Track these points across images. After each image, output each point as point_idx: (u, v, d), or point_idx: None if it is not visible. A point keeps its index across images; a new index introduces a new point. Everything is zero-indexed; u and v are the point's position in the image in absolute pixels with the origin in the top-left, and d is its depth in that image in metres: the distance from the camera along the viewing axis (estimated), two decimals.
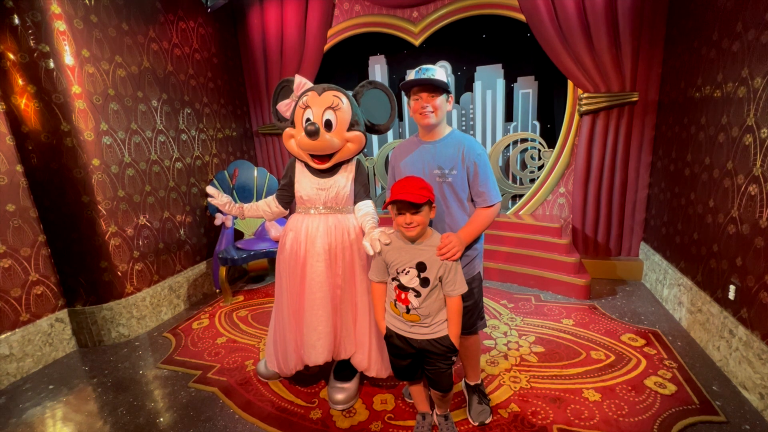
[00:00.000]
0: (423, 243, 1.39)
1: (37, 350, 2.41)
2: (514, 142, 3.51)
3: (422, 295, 1.38)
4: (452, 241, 1.37)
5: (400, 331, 1.46)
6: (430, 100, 1.45)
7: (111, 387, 2.18)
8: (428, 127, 1.52)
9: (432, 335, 1.42)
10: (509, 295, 2.99)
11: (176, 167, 3.14)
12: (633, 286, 3.05)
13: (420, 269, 1.37)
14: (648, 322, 2.49)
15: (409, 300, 1.40)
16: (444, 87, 1.45)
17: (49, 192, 2.41)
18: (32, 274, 2.41)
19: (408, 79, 1.47)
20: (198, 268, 3.34)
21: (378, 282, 1.52)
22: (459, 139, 1.53)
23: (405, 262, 1.39)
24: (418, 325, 1.42)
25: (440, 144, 1.53)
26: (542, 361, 2.13)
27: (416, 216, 1.32)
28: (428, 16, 3.34)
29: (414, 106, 1.49)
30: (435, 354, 1.43)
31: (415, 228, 1.33)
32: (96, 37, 2.49)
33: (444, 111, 1.50)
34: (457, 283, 1.38)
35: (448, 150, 1.51)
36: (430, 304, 1.39)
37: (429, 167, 1.53)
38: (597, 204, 3.17)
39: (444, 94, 1.48)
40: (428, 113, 1.46)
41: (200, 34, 3.38)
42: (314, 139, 1.57)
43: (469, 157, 1.48)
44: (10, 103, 2.27)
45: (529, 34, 3.09)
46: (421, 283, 1.38)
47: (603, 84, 2.91)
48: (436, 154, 1.52)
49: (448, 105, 1.53)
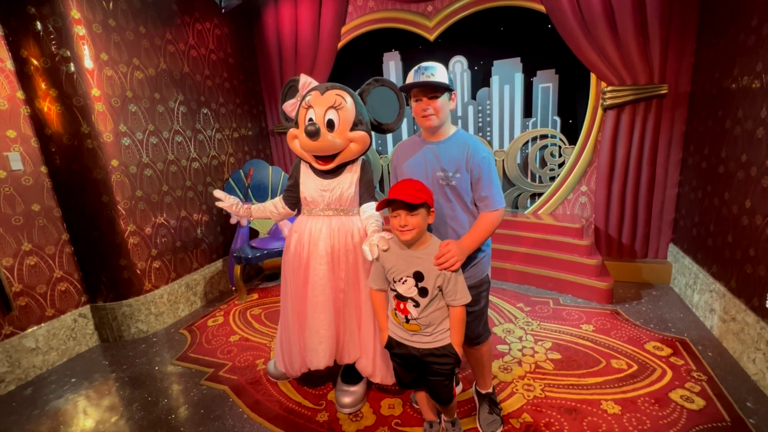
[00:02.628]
0: (420, 251, 1.33)
1: (61, 344, 2.51)
2: (533, 139, 3.38)
3: (421, 305, 1.32)
4: (451, 249, 1.30)
5: (402, 340, 1.41)
6: (430, 102, 1.40)
7: (128, 382, 2.25)
8: (431, 129, 1.47)
9: (434, 344, 1.36)
10: (526, 297, 2.89)
11: (193, 167, 3.20)
12: (660, 290, 2.88)
13: (417, 279, 1.31)
14: (676, 329, 2.34)
15: (408, 310, 1.34)
16: (444, 87, 1.39)
17: (71, 192, 2.50)
18: (56, 271, 2.51)
19: (407, 82, 1.42)
20: (214, 266, 3.40)
21: (377, 290, 1.46)
22: (464, 141, 1.46)
23: (402, 271, 1.34)
24: (420, 334, 1.37)
25: (444, 145, 1.48)
26: (558, 369, 2.03)
27: (411, 218, 1.25)
28: (443, 10, 3.25)
29: (415, 108, 1.44)
30: (437, 364, 1.37)
31: (409, 231, 1.26)
32: (114, 40, 2.55)
33: (446, 111, 1.45)
34: (458, 293, 1.31)
35: (452, 151, 1.45)
36: (431, 313, 1.33)
37: (432, 169, 1.47)
38: (621, 203, 3.01)
39: (445, 94, 1.42)
40: (430, 115, 1.41)
41: (216, 35, 3.42)
42: (315, 139, 1.54)
43: (474, 160, 1.42)
44: (34, 107, 2.36)
45: (550, 25, 2.95)
46: (419, 293, 1.31)
47: (629, 76, 2.74)
48: (440, 156, 1.46)
49: (451, 104, 1.46)
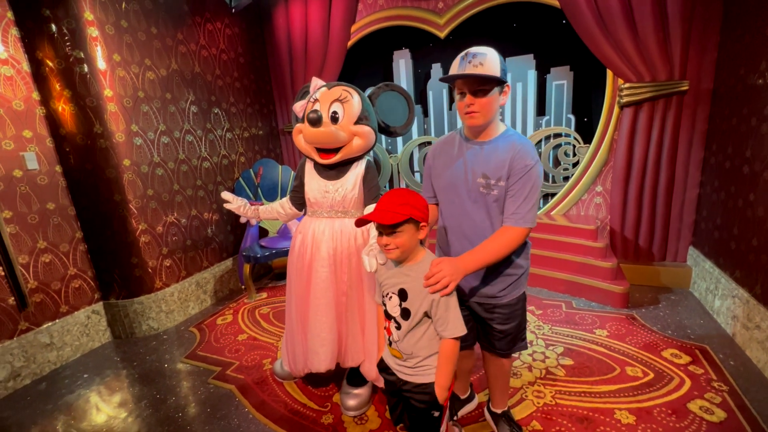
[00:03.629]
0: (408, 267, 1.17)
1: (75, 340, 2.56)
2: (547, 138, 3.30)
3: (402, 328, 1.16)
4: (442, 269, 1.09)
5: (389, 363, 1.27)
6: (474, 99, 1.18)
7: (138, 379, 2.27)
8: (475, 129, 1.27)
9: (414, 377, 1.19)
10: (538, 300, 2.82)
11: (204, 166, 3.23)
12: (679, 294, 2.78)
13: (402, 297, 1.16)
14: (695, 336, 2.25)
15: (391, 330, 1.21)
16: (495, 80, 1.16)
17: (85, 191, 2.54)
18: (71, 268, 2.56)
19: (450, 73, 1.20)
20: (224, 264, 3.43)
21: (380, 305, 1.31)
22: (511, 143, 1.23)
23: (390, 285, 1.20)
24: (403, 364, 1.21)
25: (489, 147, 1.26)
26: (570, 376, 1.97)
27: (393, 238, 1.09)
28: (454, 7, 3.20)
29: (458, 104, 1.24)
30: (412, 398, 1.20)
31: (393, 251, 1.11)
32: (126, 41, 2.58)
33: (495, 108, 1.22)
34: (449, 322, 1.11)
35: (497, 155, 1.24)
36: (415, 342, 1.16)
37: (473, 174, 1.27)
38: (638, 204, 2.90)
39: (496, 88, 1.18)
40: (474, 113, 1.20)
41: (227, 35, 3.44)
42: (317, 127, 1.51)
43: (516, 165, 1.20)
44: (49, 108, 2.40)
45: (564, 20, 2.87)
46: (401, 313, 1.16)
47: (647, 72, 2.64)
48: (483, 159, 1.25)
49: (502, 98, 1.23)
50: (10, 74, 2.25)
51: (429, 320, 1.15)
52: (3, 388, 2.20)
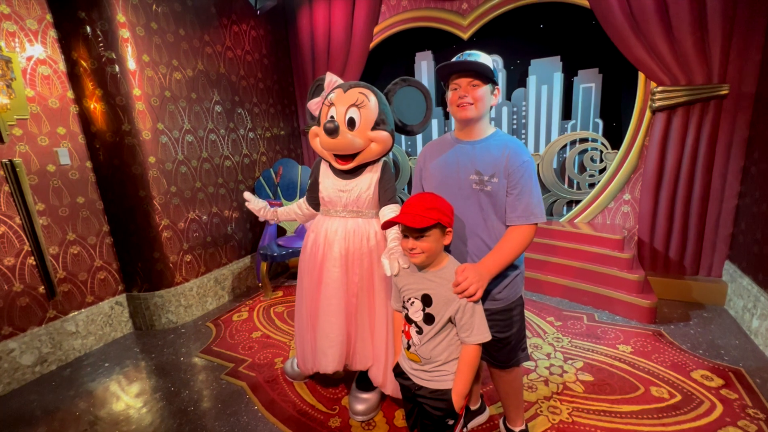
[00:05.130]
0: (432, 273, 1.16)
1: (98, 329, 2.66)
2: (572, 142, 3.18)
3: (424, 332, 1.16)
4: (468, 277, 1.11)
5: (404, 368, 1.27)
6: (470, 89, 1.23)
7: (154, 371, 2.34)
8: (466, 122, 1.29)
9: (430, 382, 1.18)
10: (558, 311, 2.71)
11: (225, 165, 3.29)
12: (712, 312, 2.60)
13: (425, 303, 1.16)
14: (729, 358, 2.10)
15: (410, 334, 1.20)
16: (488, 75, 1.22)
17: (112, 186, 2.64)
18: (97, 260, 2.66)
19: (444, 63, 1.25)
20: (243, 261, 3.49)
21: (396, 310, 1.32)
22: (504, 142, 1.29)
23: (413, 291, 1.19)
24: (420, 368, 1.20)
25: (481, 145, 1.30)
26: (589, 392, 1.87)
27: (420, 242, 1.10)
28: (479, 8, 3.13)
29: (451, 97, 1.28)
30: (427, 405, 1.19)
31: (419, 255, 1.12)
32: (155, 42, 2.67)
33: (487, 104, 1.27)
34: (475, 328, 1.11)
35: (490, 152, 1.28)
36: (434, 346, 1.16)
37: (465, 171, 1.30)
38: (670, 214, 2.75)
39: (488, 85, 1.25)
40: (467, 104, 1.24)
41: (252, 37, 3.51)
42: (334, 137, 1.50)
43: (513, 163, 1.24)
44: (82, 106, 2.51)
45: (594, 21, 2.76)
46: (424, 318, 1.16)
47: (683, 75, 2.50)
48: (475, 157, 1.29)
49: (493, 98, 1.29)
50: (47, 74, 2.37)
51: (451, 326, 1.15)
52: (30, 373, 2.31)
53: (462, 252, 1.36)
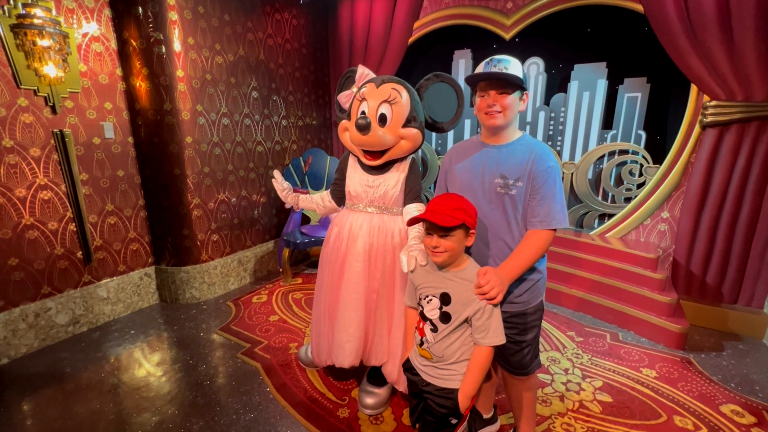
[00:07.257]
0: (453, 273, 1.18)
1: (127, 298, 2.79)
2: (611, 153, 3.05)
3: (439, 330, 1.18)
4: (491, 280, 1.12)
5: (414, 364, 1.28)
6: (498, 98, 1.23)
7: (175, 342, 2.43)
8: (494, 129, 1.30)
9: (438, 380, 1.19)
10: (580, 326, 2.62)
11: (257, 150, 3.37)
12: (749, 344, 2.44)
13: (443, 301, 1.17)
14: (764, 395, 1.96)
15: (424, 331, 1.21)
16: (518, 83, 1.22)
17: (150, 162, 2.75)
18: (131, 232, 2.79)
19: (475, 72, 1.26)
20: (266, 246, 3.56)
21: (409, 307, 1.34)
22: (530, 146, 1.28)
23: (431, 289, 1.20)
24: (430, 365, 1.22)
25: (507, 149, 1.30)
26: (607, 413, 1.80)
27: (444, 240, 1.12)
28: (524, 7, 3.04)
29: (479, 104, 1.28)
30: (432, 401, 1.20)
31: (441, 254, 1.14)
32: (201, 26, 2.75)
33: (515, 111, 1.27)
34: (491, 330, 1.12)
35: (515, 157, 1.28)
36: (447, 345, 1.17)
37: (490, 174, 1.30)
38: (711, 237, 2.59)
39: (517, 92, 1.25)
40: (495, 113, 1.25)
41: (293, 26, 3.55)
42: (365, 133, 1.50)
43: (538, 167, 1.24)
44: (129, 83, 2.62)
45: (646, 27, 2.62)
46: (440, 317, 1.17)
47: (740, 91, 2.34)
48: (501, 161, 1.29)
49: (521, 105, 1.28)
50: (100, 50, 2.48)
51: (466, 326, 1.16)
52: (64, 332, 2.45)
53: (485, 255, 1.35)
